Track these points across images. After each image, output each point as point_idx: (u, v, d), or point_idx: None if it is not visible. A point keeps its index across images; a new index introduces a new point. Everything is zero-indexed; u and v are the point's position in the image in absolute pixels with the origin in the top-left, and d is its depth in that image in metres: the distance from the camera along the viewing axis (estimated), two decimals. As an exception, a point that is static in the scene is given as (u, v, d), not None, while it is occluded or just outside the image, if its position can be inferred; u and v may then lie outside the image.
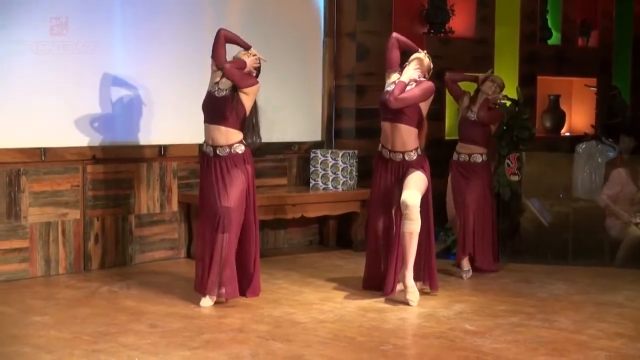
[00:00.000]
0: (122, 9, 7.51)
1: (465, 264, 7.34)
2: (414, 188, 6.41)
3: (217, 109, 6.28)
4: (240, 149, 6.28)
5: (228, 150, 6.26)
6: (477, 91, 7.68)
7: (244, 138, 6.34)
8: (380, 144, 6.67)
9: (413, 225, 6.33)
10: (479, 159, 7.56)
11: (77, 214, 7.31)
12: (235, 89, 6.26)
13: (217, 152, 6.26)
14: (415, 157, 6.56)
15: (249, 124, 6.37)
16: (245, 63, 6.36)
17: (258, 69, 6.47)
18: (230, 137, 6.26)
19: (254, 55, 6.45)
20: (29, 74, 7.01)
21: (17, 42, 6.92)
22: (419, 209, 6.35)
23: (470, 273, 7.31)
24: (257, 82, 6.37)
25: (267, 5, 8.48)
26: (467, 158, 7.57)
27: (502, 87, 7.66)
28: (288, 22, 8.63)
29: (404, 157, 6.55)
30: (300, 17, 8.74)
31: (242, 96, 6.26)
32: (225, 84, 6.30)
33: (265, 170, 8.48)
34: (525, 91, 10.06)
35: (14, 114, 6.95)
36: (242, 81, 6.25)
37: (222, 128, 6.25)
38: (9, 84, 6.94)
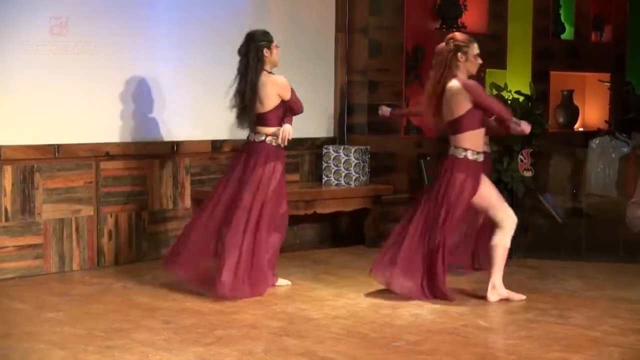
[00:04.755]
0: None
1: None
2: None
3: None
4: None
5: None
6: None
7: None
8: (469, 150, 6.38)
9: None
10: None
11: (91, 211, 7.33)
12: None
13: None
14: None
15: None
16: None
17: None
18: None
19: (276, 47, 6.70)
20: (42, 73, 7.02)
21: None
22: None
23: None
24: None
25: (280, 0, 8.47)
26: None
27: None
28: (300, 17, 8.62)
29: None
30: (312, 13, 8.73)
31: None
32: None
33: (277, 166, 8.47)
34: (538, 86, 10.02)
35: (27, 111, 6.97)
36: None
37: None
38: (24, 81, 6.95)
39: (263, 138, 6.59)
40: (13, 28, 6.90)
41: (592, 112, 11.34)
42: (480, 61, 6.40)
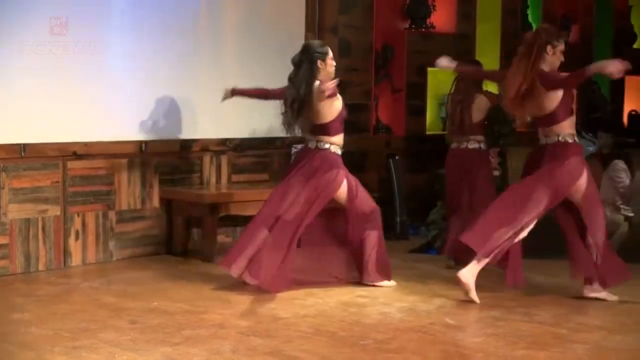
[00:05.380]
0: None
1: None
2: None
3: None
4: None
5: None
6: None
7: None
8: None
9: None
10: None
11: (58, 211, 7.28)
12: None
13: None
14: None
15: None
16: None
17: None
18: None
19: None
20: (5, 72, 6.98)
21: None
22: None
23: None
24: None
25: (250, 1, 8.46)
26: None
27: None
28: (270, 17, 8.61)
29: None
30: (282, 12, 8.72)
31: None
32: None
33: (246, 165, 8.48)
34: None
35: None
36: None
37: None
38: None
39: (327, 146, 6.66)
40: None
41: (560, 111, 11.40)
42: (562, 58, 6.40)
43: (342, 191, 6.65)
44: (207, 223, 7.67)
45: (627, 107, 13.04)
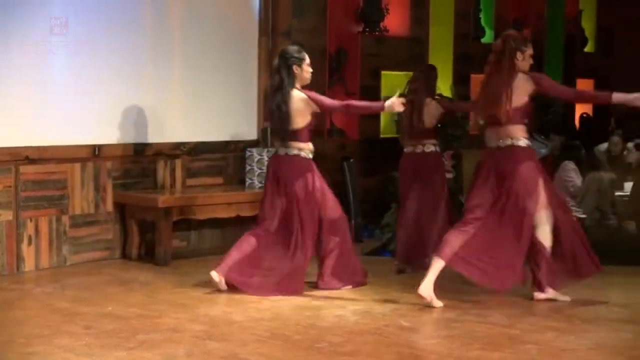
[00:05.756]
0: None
1: None
2: None
3: None
4: None
5: None
6: None
7: None
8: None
9: None
10: None
11: (10, 215, 7.21)
12: None
13: None
14: None
15: None
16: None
17: None
18: None
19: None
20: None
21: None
22: None
23: None
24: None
25: (203, 4, 8.44)
26: None
27: None
28: (224, 21, 8.61)
29: None
30: (236, 16, 8.72)
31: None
32: None
33: (201, 169, 8.46)
34: (460, 89, 10.19)
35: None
36: None
37: None
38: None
39: (295, 152, 6.64)
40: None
41: (512, 114, 11.52)
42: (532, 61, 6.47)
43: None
44: (162, 227, 7.64)
45: (579, 110, 13.24)
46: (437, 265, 6.23)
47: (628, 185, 8.48)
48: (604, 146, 10.59)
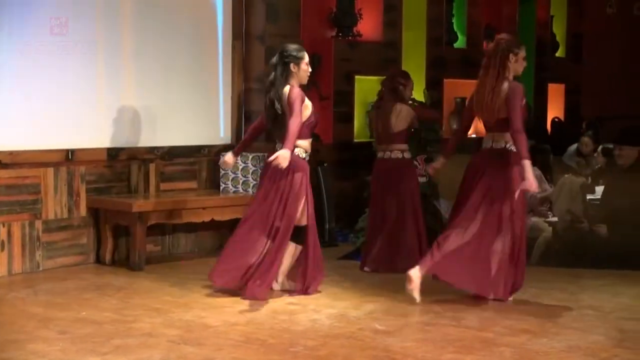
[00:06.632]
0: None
1: None
2: None
3: None
4: None
5: None
6: None
7: None
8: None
9: None
10: None
11: (-17, 220, 7.19)
12: None
13: None
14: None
15: None
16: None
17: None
18: None
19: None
20: None
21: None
22: None
23: None
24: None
25: (177, 8, 8.44)
26: None
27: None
28: (198, 25, 8.61)
29: None
30: (209, 20, 8.72)
31: None
32: None
33: (175, 174, 8.45)
34: (433, 94, 10.24)
35: None
36: None
37: None
38: None
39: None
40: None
41: (485, 118, 11.59)
42: (525, 63, 6.53)
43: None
44: (136, 232, 7.62)
45: (550, 114, 13.33)
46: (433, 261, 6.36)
47: (599, 189, 8.55)
48: (574, 147, 10.70)
